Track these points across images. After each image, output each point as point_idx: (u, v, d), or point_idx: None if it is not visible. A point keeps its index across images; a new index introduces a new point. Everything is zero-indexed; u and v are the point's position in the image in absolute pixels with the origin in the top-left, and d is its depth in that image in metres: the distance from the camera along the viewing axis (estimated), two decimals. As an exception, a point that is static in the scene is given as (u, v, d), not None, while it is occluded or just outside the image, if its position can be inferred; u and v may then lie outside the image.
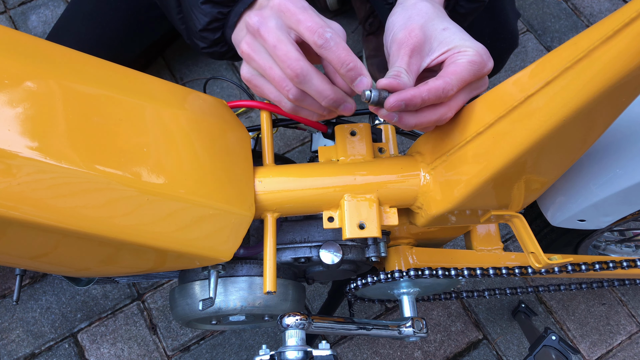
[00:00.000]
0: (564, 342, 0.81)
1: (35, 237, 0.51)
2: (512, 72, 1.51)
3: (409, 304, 0.75)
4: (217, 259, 0.61)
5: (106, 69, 0.59)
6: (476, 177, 0.55)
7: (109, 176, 0.51)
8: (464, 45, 0.55)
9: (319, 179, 0.62)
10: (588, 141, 0.54)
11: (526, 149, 0.50)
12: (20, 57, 0.52)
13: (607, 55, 0.43)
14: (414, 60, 0.55)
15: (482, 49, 0.55)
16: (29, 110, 0.49)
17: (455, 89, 0.54)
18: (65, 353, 1.19)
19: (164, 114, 0.59)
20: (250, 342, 1.22)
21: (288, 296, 0.71)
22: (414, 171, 0.62)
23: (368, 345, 1.22)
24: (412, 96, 0.52)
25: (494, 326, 1.25)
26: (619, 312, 1.27)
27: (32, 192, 0.47)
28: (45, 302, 1.24)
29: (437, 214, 0.61)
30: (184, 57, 1.51)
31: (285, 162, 0.72)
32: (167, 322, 1.23)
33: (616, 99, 0.47)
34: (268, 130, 0.68)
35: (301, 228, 0.71)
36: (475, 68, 0.55)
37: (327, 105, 0.55)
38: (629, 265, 0.73)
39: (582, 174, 0.67)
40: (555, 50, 0.49)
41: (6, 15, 1.55)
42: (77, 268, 0.61)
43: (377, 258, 0.71)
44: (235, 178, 0.60)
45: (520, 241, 0.62)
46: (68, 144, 0.50)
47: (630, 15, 0.41)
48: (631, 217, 0.74)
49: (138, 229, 0.53)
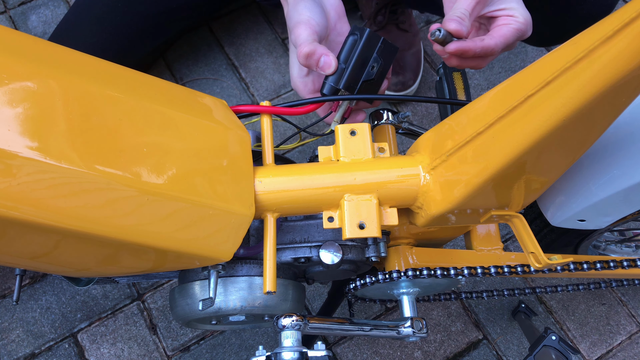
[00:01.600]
0: (564, 342, 0.81)
1: (35, 237, 0.51)
2: (512, 72, 1.51)
3: (408, 304, 0.75)
4: (217, 259, 0.61)
5: (106, 68, 0.59)
6: (476, 177, 0.55)
7: (109, 176, 0.51)
8: (516, 10, 0.64)
9: (319, 179, 0.62)
10: (588, 141, 0.54)
11: (526, 149, 0.50)
12: (20, 57, 0.52)
13: (607, 55, 0.43)
14: (478, 7, 0.64)
15: (528, 18, 0.65)
16: (29, 110, 0.49)
17: (500, 50, 0.64)
18: (65, 353, 1.19)
19: (164, 114, 0.59)
20: (250, 342, 1.22)
21: (288, 296, 0.71)
22: (414, 171, 0.62)
23: (368, 345, 1.22)
24: (468, 48, 0.62)
25: (494, 326, 1.25)
26: (619, 312, 1.27)
27: (32, 192, 0.47)
28: (45, 302, 1.24)
29: (437, 214, 0.61)
30: (184, 57, 1.51)
31: (285, 162, 0.72)
32: (167, 322, 1.23)
33: (616, 99, 0.47)
34: (268, 130, 0.68)
35: (301, 228, 0.71)
36: (518, 35, 0.65)
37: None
38: (630, 265, 0.73)
39: (582, 174, 0.67)
40: (555, 50, 0.49)
41: (6, 15, 1.55)
42: (77, 268, 0.61)
43: (377, 258, 0.71)
44: (235, 178, 0.60)
45: (520, 241, 0.62)
46: (68, 144, 0.50)
47: (630, 15, 0.41)
48: (631, 217, 0.74)
49: (138, 229, 0.53)
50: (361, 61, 0.67)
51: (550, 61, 0.48)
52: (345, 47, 0.67)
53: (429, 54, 1.53)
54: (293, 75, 0.73)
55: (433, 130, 0.64)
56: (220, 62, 1.52)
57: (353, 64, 0.67)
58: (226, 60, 1.52)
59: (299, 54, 0.65)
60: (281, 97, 1.48)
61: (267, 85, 1.48)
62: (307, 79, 0.72)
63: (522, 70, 0.52)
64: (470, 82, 1.50)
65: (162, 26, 1.27)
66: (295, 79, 0.73)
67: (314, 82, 0.72)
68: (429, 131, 0.65)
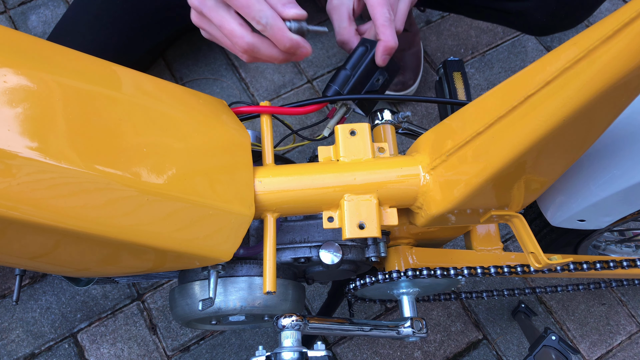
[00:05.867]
0: (564, 342, 0.81)
1: (35, 237, 0.51)
2: (512, 72, 1.51)
3: (408, 304, 0.75)
4: (216, 259, 0.61)
5: (106, 68, 0.59)
6: (476, 177, 0.55)
7: (108, 176, 0.51)
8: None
9: (318, 179, 0.62)
10: (588, 141, 0.54)
11: (526, 149, 0.50)
12: (20, 57, 0.52)
13: (607, 55, 0.43)
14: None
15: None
16: (29, 110, 0.49)
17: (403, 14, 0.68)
18: (65, 353, 1.19)
19: (164, 114, 0.59)
20: (250, 342, 1.22)
21: (288, 296, 0.71)
22: (413, 171, 0.62)
23: (368, 345, 1.22)
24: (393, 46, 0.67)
25: (494, 326, 1.25)
26: (619, 312, 1.27)
27: (32, 192, 0.47)
28: (45, 302, 1.24)
29: (437, 214, 0.61)
30: (184, 57, 1.51)
31: (285, 162, 0.72)
32: (167, 322, 1.23)
33: (616, 98, 0.47)
34: (268, 130, 0.68)
35: (301, 228, 0.71)
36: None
37: (281, 60, 0.63)
38: (629, 265, 0.73)
39: (582, 174, 0.67)
40: (555, 50, 0.49)
41: (6, 15, 1.55)
42: (77, 268, 0.61)
43: (376, 258, 0.71)
44: (235, 178, 0.60)
45: (520, 241, 0.62)
46: (68, 144, 0.50)
47: (630, 15, 0.41)
48: (631, 217, 0.74)
49: (138, 229, 0.53)
50: (366, 72, 0.69)
51: (550, 61, 0.48)
52: (353, 56, 0.69)
53: (429, 54, 1.53)
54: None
55: (433, 130, 0.64)
56: (220, 62, 1.52)
57: (359, 74, 0.69)
58: (226, 60, 1.52)
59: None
60: (281, 97, 1.48)
61: (267, 85, 1.48)
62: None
63: (522, 70, 0.52)
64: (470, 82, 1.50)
65: (160, 23, 1.27)
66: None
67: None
68: (429, 131, 0.65)
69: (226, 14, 0.59)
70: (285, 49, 0.60)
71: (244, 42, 0.59)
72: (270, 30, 0.58)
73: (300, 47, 0.61)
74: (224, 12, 0.59)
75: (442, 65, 0.84)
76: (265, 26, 0.58)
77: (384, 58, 0.66)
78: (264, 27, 0.58)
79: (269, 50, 0.61)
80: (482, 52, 1.54)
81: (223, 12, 0.59)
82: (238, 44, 0.59)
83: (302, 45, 0.61)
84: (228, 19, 0.59)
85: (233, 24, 0.59)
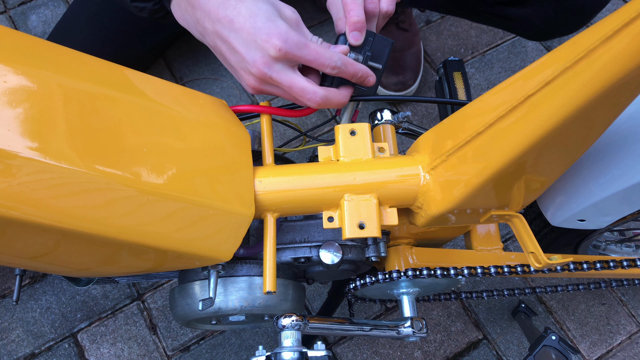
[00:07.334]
0: (564, 342, 0.81)
1: (35, 237, 0.51)
2: (512, 72, 1.51)
3: (408, 304, 0.75)
4: (217, 259, 0.61)
5: (106, 68, 0.59)
6: (476, 177, 0.55)
7: (108, 176, 0.51)
8: None
9: (318, 178, 0.62)
10: (588, 141, 0.54)
11: (526, 148, 0.50)
12: (20, 57, 0.52)
13: (607, 55, 0.43)
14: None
15: None
16: (29, 110, 0.49)
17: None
18: (65, 353, 1.19)
19: (164, 113, 0.59)
20: (250, 342, 1.22)
21: (288, 296, 0.71)
22: (414, 171, 0.62)
23: (368, 345, 1.22)
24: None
25: (494, 326, 1.25)
26: (619, 312, 1.27)
27: (32, 192, 0.47)
28: (45, 302, 1.24)
29: (437, 213, 0.61)
30: (184, 57, 1.51)
31: (285, 162, 0.72)
32: (167, 322, 1.23)
33: (616, 99, 0.47)
34: (268, 130, 0.68)
35: (301, 228, 0.71)
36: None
37: (346, 102, 0.67)
38: (630, 265, 0.73)
39: (582, 174, 0.67)
40: (555, 50, 0.49)
41: (6, 15, 1.55)
42: (77, 268, 0.61)
43: (377, 258, 0.71)
44: (235, 178, 0.60)
45: (520, 241, 0.62)
46: (68, 144, 0.50)
47: (630, 15, 0.41)
48: (631, 217, 0.74)
49: (138, 229, 0.53)
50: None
51: (550, 61, 0.48)
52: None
53: (429, 54, 1.53)
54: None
55: (433, 130, 0.64)
56: (220, 62, 1.51)
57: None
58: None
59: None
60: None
61: (267, 85, 1.48)
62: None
63: (522, 70, 0.52)
64: (470, 82, 1.50)
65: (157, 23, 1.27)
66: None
67: None
68: (429, 131, 0.65)
69: (293, 74, 0.61)
70: (357, 78, 0.64)
71: (318, 97, 0.62)
72: (345, 67, 0.62)
73: (369, 74, 0.65)
74: (292, 73, 0.61)
75: (442, 65, 0.84)
76: (340, 67, 0.61)
77: (354, 35, 0.65)
78: (339, 69, 0.62)
79: (339, 96, 0.64)
80: (482, 52, 1.54)
81: (291, 73, 0.61)
82: (313, 100, 0.62)
83: (370, 73, 0.65)
84: (297, 78, 0.61)
85: (303, 82, 0.61)
